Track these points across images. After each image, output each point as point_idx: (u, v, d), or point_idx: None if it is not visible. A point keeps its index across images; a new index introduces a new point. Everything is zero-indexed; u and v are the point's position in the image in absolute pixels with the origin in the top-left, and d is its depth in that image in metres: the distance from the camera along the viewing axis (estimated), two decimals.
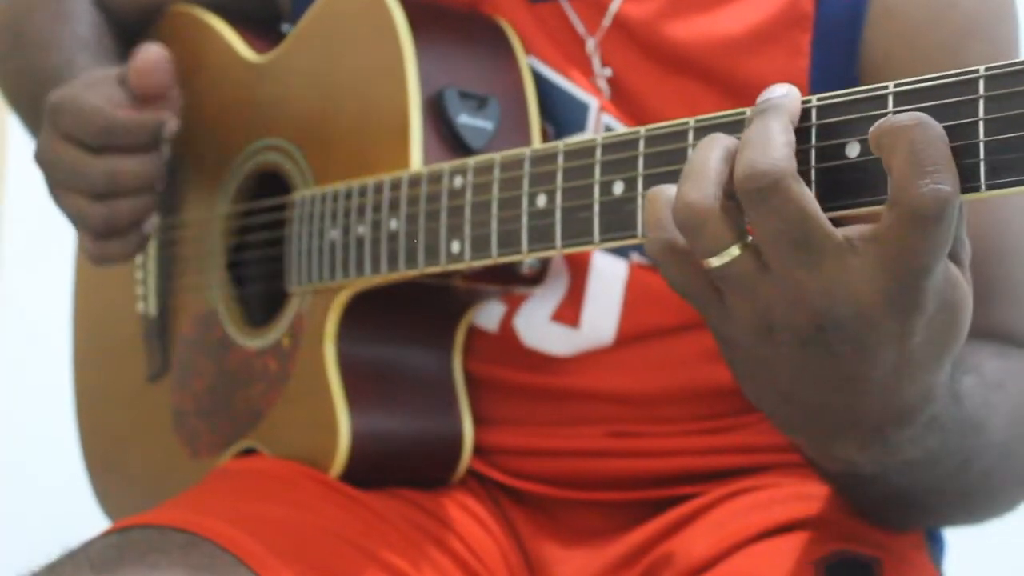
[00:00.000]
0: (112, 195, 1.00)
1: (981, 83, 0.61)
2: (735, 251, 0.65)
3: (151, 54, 1.00)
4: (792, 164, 0.63)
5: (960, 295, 0.66)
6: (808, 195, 0.63)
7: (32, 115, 1.20)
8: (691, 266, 0.67)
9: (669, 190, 0.67)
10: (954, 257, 0.66)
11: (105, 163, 0.99)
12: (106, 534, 0.87)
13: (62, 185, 1.01)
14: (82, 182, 1.00)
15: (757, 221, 0.64)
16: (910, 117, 0.61)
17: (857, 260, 0.63)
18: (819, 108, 0.65)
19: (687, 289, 0.68)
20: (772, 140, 0.63)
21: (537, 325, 0.99)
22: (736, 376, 0.72)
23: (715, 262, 0.65)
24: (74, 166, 0.99)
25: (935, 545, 1.01)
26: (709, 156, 0.65)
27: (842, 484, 0.91)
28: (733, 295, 0.66)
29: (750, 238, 0.65)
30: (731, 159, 0.65)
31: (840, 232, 0.64)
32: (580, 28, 0.97)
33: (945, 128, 0.61)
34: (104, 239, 1.02)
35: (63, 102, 1.00)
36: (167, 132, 1.00)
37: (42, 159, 1.02)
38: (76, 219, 1.03)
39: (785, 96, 0.65)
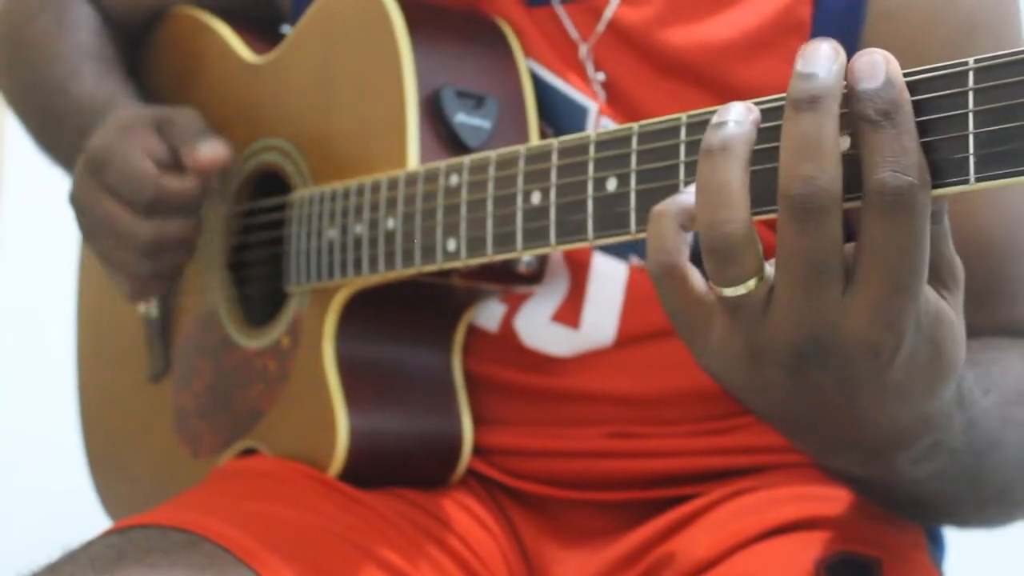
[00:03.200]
0: (158, 252, 1.02)
1: (971, 75, 0.60)
2: (752, 284, 0.63)
3: (219, 153, 1.01)
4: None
5: (945, 330, 0.65)
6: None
7: (40, 126, 1.20)
8: (691, 291, 0.65)
9: (676, 208, 0.64)
10: (939, 280, 0.65)
11: (154, 226, 1.00)
12: (106, 534, 0.88)
13: (103, 235, 1.03)
14: (129, 240, 1.01)
15: (789, 239, 0.61)
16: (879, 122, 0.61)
17: (850, 290, 0.62)
18: None
19: (682, 313, 0.66)
20: (827, 149, 0.60)
21: (537, 325, 0.99)
22: (729, 393, 0.71)
23: (730, 292, 0.63)
24: (120, 224, 1.00)
25: (935, 545, 1.01)
26: (732, 176, 0.62)
27: (849, 486, 0.91)
28: (729, 324, 0.65)
29: (767, 269, 0.64)
30: (748, 171, 0.62)
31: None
32: (574, 33, 0.97)
33: (934, 120, 0.61)
34: (144, 282, 1.04)
35: (107, 156, 1.00)
36: (211, 191, 1.03)
37: (81, 206, 1.03)
38: (116, 266, 1.04)
39: (830, 84, 0.61)
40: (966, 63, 0.60)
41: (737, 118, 0.63)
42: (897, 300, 0.62)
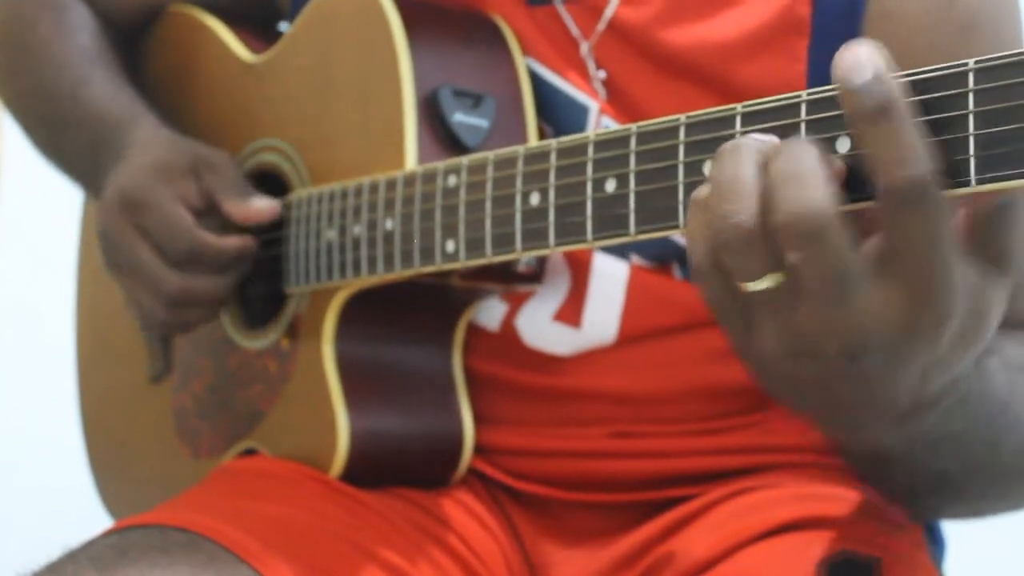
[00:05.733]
0: (182, 306, 1.01)
1: (971, 76, 0.60)
2: (774, 278, 0.63)
3: (268, 211, 1.00)
4: (836, 203, 0.61)
5: (987, 300, 0.65)
6: (849, 237, 0.61)
7: (46, 133, 1.19)
8: (729, 286, 0.65)
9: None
10: (994, 260, 0.64)
11: (184, 280, 0.99)
12: (107, 534, 0.88)
13: (130, 275, 1.02)
14: (155, 288, 1.00)
15: (795, 261, 0.62)
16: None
17: (884, 282, 0.62)
18: (808, 103, 0.65)
19: (721, 307, 0.66)
20: (813, 175, 0.61)
21: (538, 325, 0.99)
22: (755, 379, 0.71)
23: (752, 287, 0.63)
24: (150, 271, 1.00)
25: (935, 545, 1.01)
26: (742, 171, 0.63)
27: (870, 468, 0.90)
28: (763, 320, 0.65)
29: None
30: (759, 169, 0.63)
31: (864, 251, 0.63)
32: (575, 31, 0.97)
33: (935, 121, 0.61)
34: (157, 326, 1.04)
35: (145, 199, 1.00)
36: (248, 254, 1.01)
37: (112, 243, 1.02)
38: (135, 304, 1.03)
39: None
40: (966, 64, 0.60)
41: (756, 136, 0.64)
42: (937, 288, 0.62)
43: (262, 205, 1.00)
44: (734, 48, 0.94)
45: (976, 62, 0.60)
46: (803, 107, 0.65)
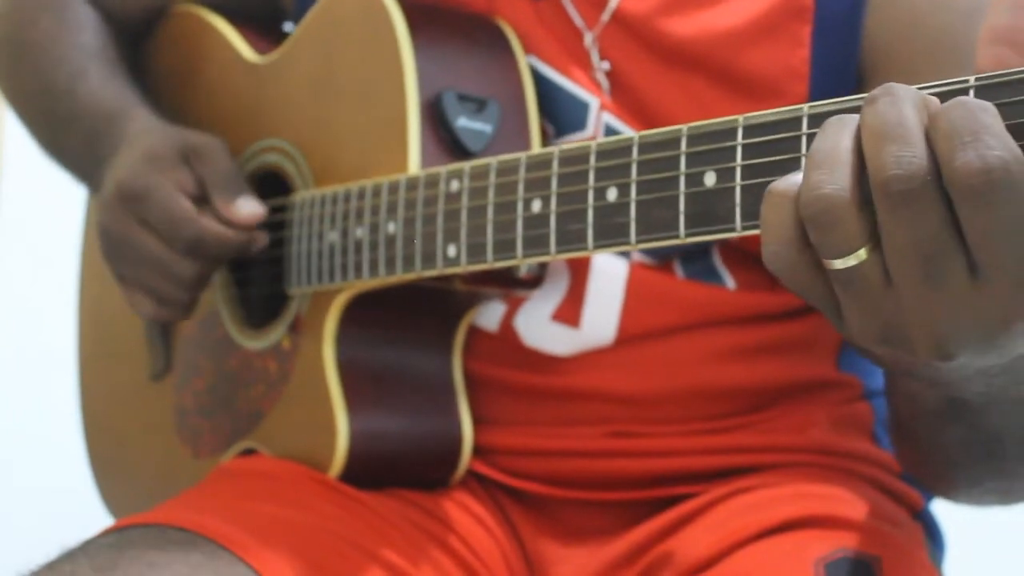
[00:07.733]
0: (199, 287, 1.01)
1: (971, 93, 0.60)
2: (863, 254, 0.59)
3: (257, 213, 1.00)
4: (934, 164, 0.57)
5: None
6: (949, 210, 0.57)
7: (46, 130, 1.18)
8: (816, 269, 0.61)
9: (791, 187, 0.61)
10: None
11: (195, 265, 1.00)
12: (105, 533, 0.88)
13: (138, 265, 1.02)
14: (171, 274, 1.00)
15: (889, 226, 0.58)
16: (949, 103, 0.57)
17: (981, 279, 0.58)
18: (810, 117, 0.65)
19: (809, 291, 0.63)
20: (913, 132, 0.57)
21: (537, 325, 0.99)
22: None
23: (839, 264, 0.60)
24: (162, 259, 1.00)
25: (935, 545, 1.01)
26: (841, 141, 0.59)
27: (934, 416, 0.83)
28: (851, 304, 0.61)
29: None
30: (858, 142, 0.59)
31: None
32: (579, 22, 0.97)
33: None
34: (174, 310, 1.04)
35: (144, 191, 0.99)
36: (256, 247, 1.01)
37: (114, 236, 1.02)
38: (145, 290, 1.03)
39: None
40: (966, 80, 0.60)
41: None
42: None
43: (248, 208, 0.99)
44: (738, 36, 0.94)
45: (976, 79, 0.59)
46: (804, 120, 0.65)
